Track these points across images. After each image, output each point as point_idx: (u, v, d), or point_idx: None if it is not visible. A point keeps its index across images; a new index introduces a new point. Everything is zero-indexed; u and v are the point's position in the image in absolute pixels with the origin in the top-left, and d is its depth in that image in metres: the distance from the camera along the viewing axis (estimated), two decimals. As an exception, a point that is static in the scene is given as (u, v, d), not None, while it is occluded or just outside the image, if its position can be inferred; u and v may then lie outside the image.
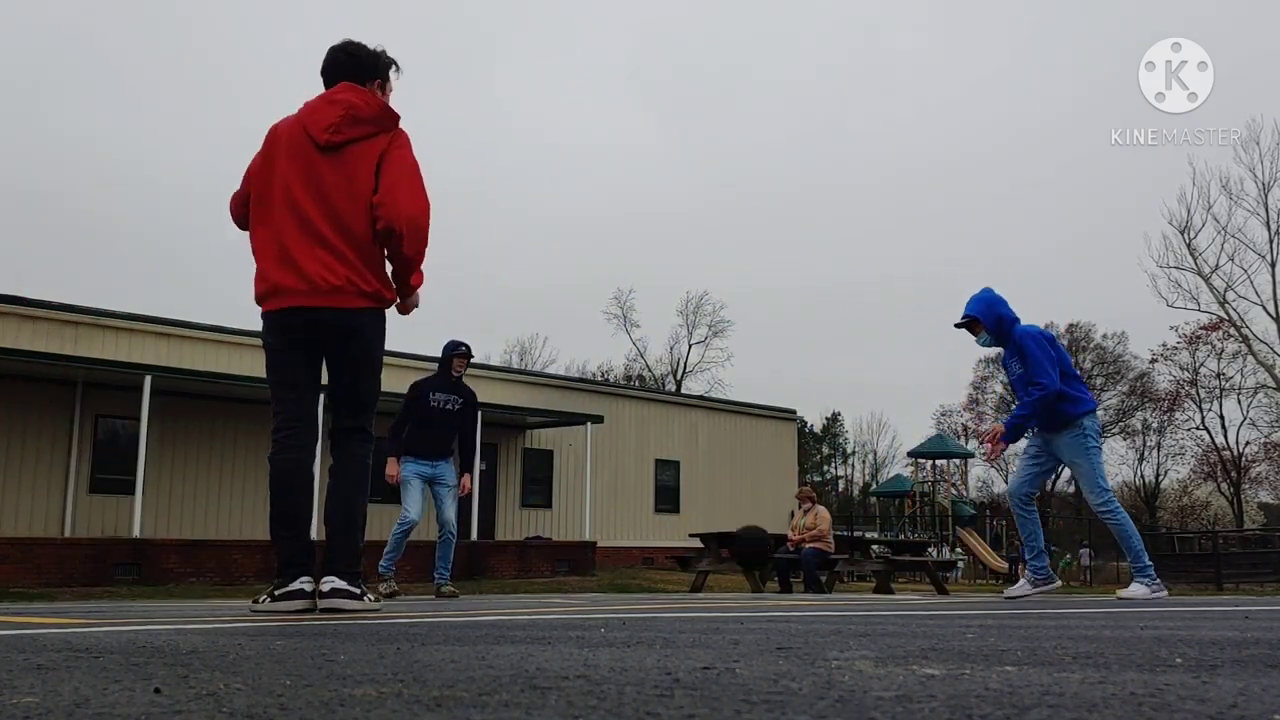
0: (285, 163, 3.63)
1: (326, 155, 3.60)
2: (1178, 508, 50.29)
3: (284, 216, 3.59)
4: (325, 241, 3.55)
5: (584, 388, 26.80)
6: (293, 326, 3.62)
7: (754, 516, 26.11)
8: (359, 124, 3.64)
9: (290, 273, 3.56)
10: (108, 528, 16.96)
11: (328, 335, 3.64)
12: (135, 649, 1.97)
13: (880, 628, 2.65)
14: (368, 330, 3.68)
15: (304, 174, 3.60)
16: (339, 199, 3.57)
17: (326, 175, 3.59)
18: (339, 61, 3.81)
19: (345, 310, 3.59)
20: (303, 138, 3.64)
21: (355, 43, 3.86)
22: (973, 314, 6.36)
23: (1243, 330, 31.53)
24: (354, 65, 3.80)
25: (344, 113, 3.63)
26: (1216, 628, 2.61)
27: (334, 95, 3.71)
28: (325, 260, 3.54)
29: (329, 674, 1.48)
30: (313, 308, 3.57)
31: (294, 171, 3.61)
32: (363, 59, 3.82)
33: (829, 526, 12.12)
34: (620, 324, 53.06)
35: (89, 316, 17.58)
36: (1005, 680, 1.36)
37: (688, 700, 1.18)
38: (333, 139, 3.60)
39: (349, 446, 3.74)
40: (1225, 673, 1.46)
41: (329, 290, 3.55)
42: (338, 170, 3.59)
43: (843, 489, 65.88)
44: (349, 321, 3.61)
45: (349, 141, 3.62)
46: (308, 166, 3.60)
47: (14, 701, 1.20)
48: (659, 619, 3.26)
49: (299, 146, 3.63)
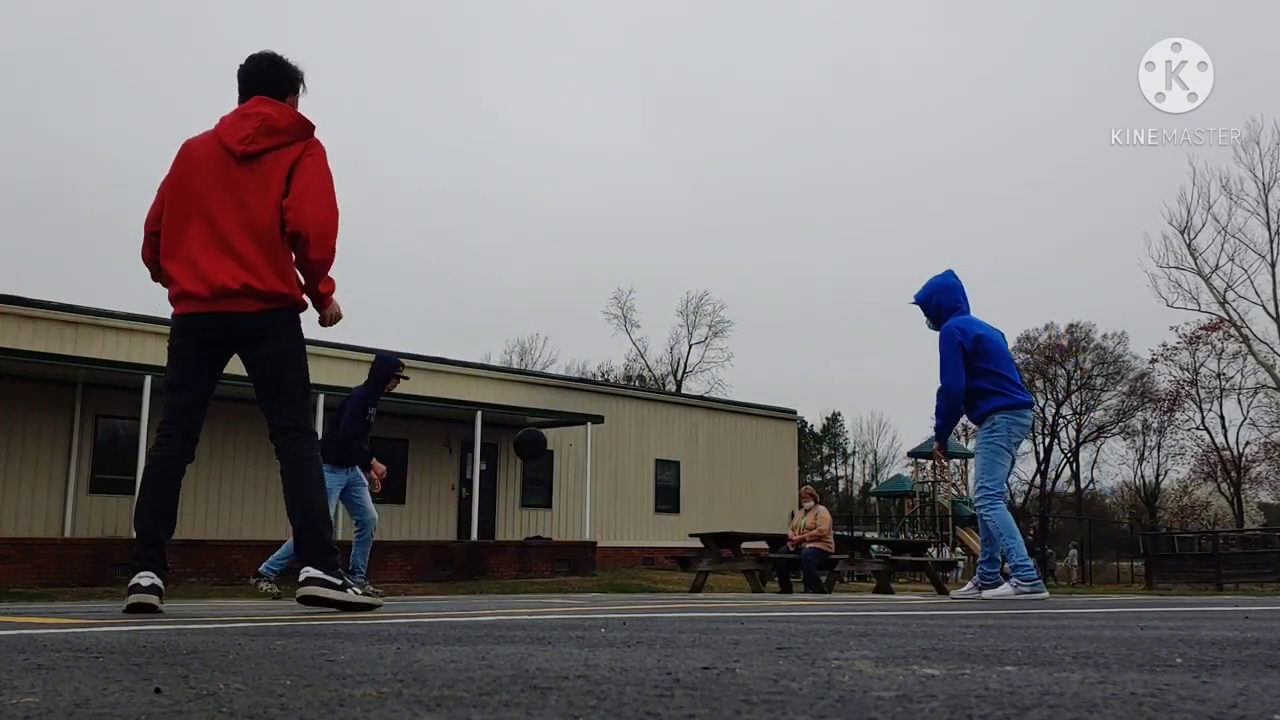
0: (201, 173, 3.72)
1: (243, 165, 3.69)
2: (1178, 508, 50.28)
3: (194, 225, 3.68)
4: (231, 247, 3.63)
5: (584, 388, 26.80)
6: (197, 329, 3.71)
7: (754, 516, 26.15)
8: (273, 134, 3.73)
9: (195, 279, 3.64)
10: (108, 528, 16.96)
11: (237, 339, 3.72)
12: (135, 649, 1.97)
13: (880, 628, 2.65)
14: (275, 329, 3.72)
15: (219, 183, 3.69)
16: (251, 204, 3.66)
17: (240, 182, 3.68)
18: (262, 70, 3.89)
19: (248, 314, 3.65)
20: (219, 150, 3.73)
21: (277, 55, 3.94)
22: (915, 299, 6.43)
23: (1243, 330, 31.52)
24: (277, 76, 3.91)
25: (259, 124, 3.73)
26: (1216, 628, 2.61)
27: (247, 110, 3.80)
28: (229, 267, 3.62)
29: (329, 674, 1.48)
30: (218, 313, 3.65)
31: (209, 181, 3.70)
32: (287, 71, 3.93)
33: (829, 526, 12.11)
34: (620, 324, 53.10)
35: (89, 316, 17.59)
36: (1005, 680, 1.36)
37: (688, 700, 1.18)
38: (248, 149, 3.69)
39: (293, 446, 3.78)
40: (1225, 673, 1.46)
41: (231, 294, 3.62)
42: (252, 177, 3.68)
43: (843, 489, 65.89)
44: (253, 323, 3.67)
45: (264, 151, 3.71)
46: (224, 176, 3.69)
47: (14, 701, 1.20)
48: (659, 619, 3.26)
49: (215, 158, 3.72)
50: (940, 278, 6.44)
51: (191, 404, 3.81)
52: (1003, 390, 6.13)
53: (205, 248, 3.64)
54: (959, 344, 6.10)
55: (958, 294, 6.36)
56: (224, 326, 3.67)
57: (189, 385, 3.79)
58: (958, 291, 6.37)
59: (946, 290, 6.34)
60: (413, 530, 21.03)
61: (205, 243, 3.65)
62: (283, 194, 3.66)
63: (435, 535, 21.34)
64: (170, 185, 3.81)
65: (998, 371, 6.14)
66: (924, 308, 6.40)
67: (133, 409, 15.80)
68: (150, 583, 3.59)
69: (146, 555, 3.65)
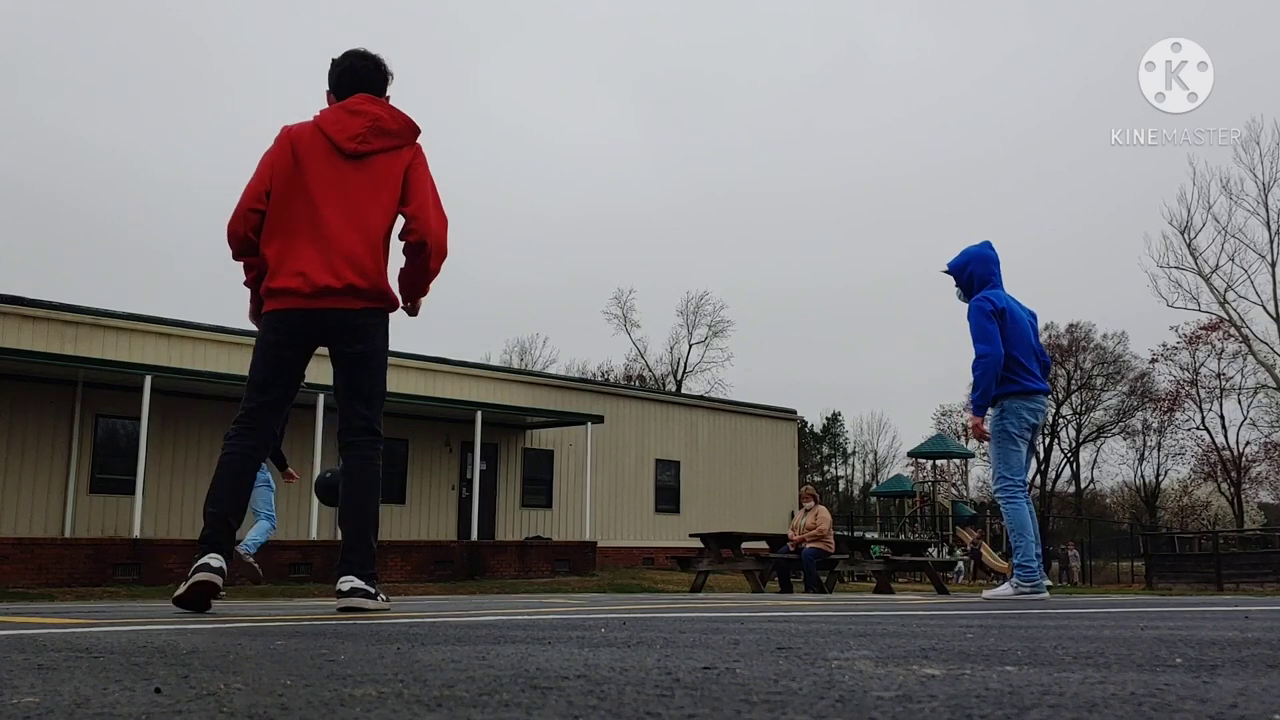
0: (310, 166, 3.66)
1: (351, 163, 3.67)
2: (1178, 508, 50.29)
3: (302, 218, 3.64)
4: (339, 246, 3.61)
5: (584, 388, 26.79)
6: (295, 326, 3.66)
7: (754, 516, 26.15)
8: (385, 135, 3.72)
9: (299, 276, 3.61)
10: (108, 528, 16.96)
11: (332, 335, 3.69)
12: (135, 649, 1.97)
13: (880, 628, 2.65)
14: (371, 329, 3.72)
15: (329, 179, 3.65)
16: (362, 205, 3.65)
17: (350, 181, 3.65)
18: (361, 69, 3.84)
19: (349, 311, 3.65)
20: (327, 146, 3.68)
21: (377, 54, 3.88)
22: (949, 266, 6.24)
23: (1243, 330, 31.54)
24: (379, 75, 3.85)
25: (370, 124, 3.70)
26: (1217, 628, 2.61)
27: (356, 106, 3.75)
28: (335, 265, 3.61)
29: (329, 674, 1.48)
30: (319, 310, 3.62)
31: (320, 176, 3.65)
32: (385, 72, 3.88)
33: (829, 526, 12.11)
34: (620, 324, 53.09)
35: (89, 316, 17.58)
36: (1005, 680, 1.36)
37: (688, 700, 1.18)
38: (359, 148, 3.67)
39: (362, 449, 3.76)
40: (1225, 673, 1.46)
41: (334, 292, 3.61)
42: (363, 178, 3.66)
43: (843, 489, 65.87)
44: (352, 321, 3.66)
45: (374, 152, 3.69)
46: (334, 172, 3.66)
47: (14, 701, 1.20)
48: (659, 619, 3.26)
49: (323, 152, 3.67)
50: (977, 248, 6.27)
51: (278, 401, 3.77)
52: (1015, 376, 5.97)
53: (312, 245, 3.61)
54: (990, 313, 5.96)
55: (993, 266, 6.20)
56: (321, 323, 3.65)
57: (278, 383, 3.75)
58: (994, 264, 6.21)
59: (982, 261, 6.18)
60: (413, 530, 21.03)
61: (312, 240, 3.61)
62: (397, 199, 3.69)
63: (435, 535, 21.34)
64: (278, 172, 3.69)
65: (1014, 355, 5.98)
66: (957, 276, 6.22)
67: (133, 409, 15.80)
68: (219, 564, 3.53)
69: (215, 539, 3.60)
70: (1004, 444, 5.98)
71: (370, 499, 3.76)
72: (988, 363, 5.89)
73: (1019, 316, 6.09)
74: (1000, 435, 5.99)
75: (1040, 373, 6.14)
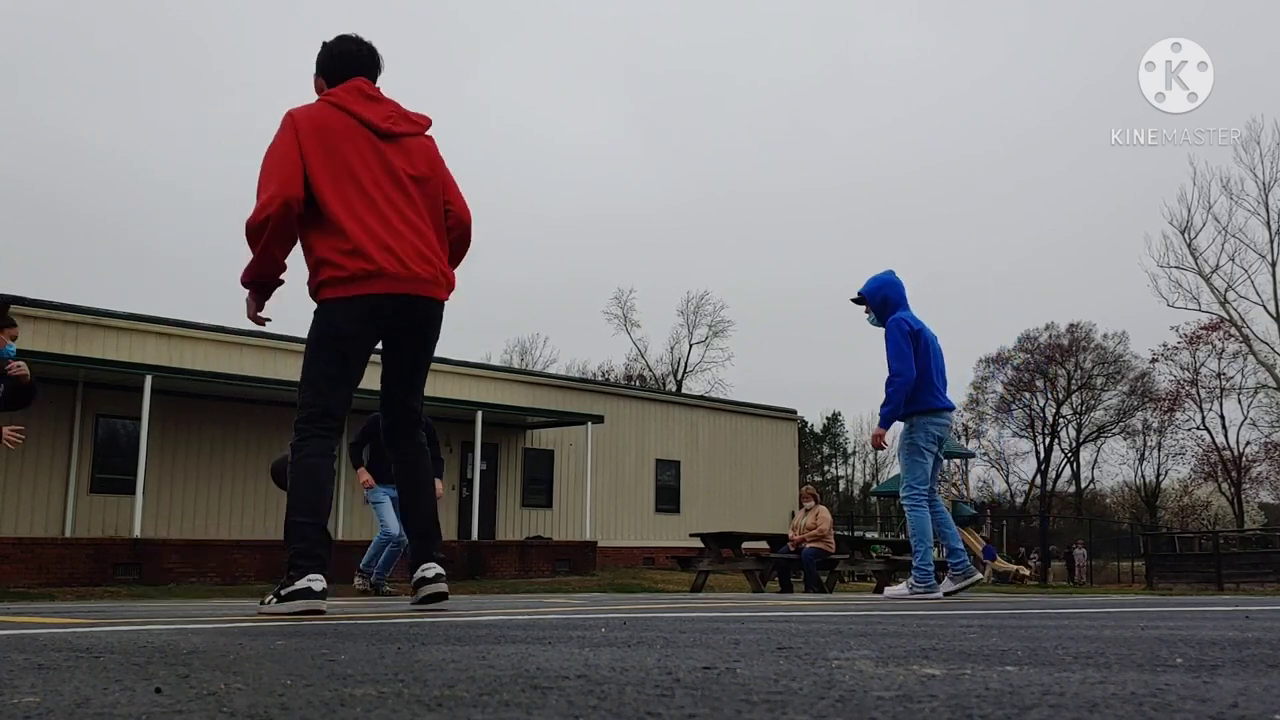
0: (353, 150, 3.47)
1: (388, 143, 3.55)
2: (1178, 508, 50.27)
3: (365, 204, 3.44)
4: (420, 233, 3.52)
5: (584, 388, 26.79)
6: (385, 312, 3.47)
7: (754, 516, 26.14)
8: (407, 120, 3.66)
9: (392, 258, 3.42)
10: (108, 528, 16.96)
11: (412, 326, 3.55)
12: (136, 649, 1.97)
13: (880, 627, 2.65)
14: (439, 321, 3.66)
15: (380, 161, 3.50)
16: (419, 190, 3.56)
17: (399, 163, 3.53)
18: (357, 54, 3.69)
19: (437, 301, 3.56)
20: (356, 125, 3.51)
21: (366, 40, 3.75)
22: (861, 293, 6.59)
23: (1243, 330, 31.54)
24: (370, 62, 3.73)
25: (394, 108, 3.64)
26: (1217, 628, 2.61)
27: (366, 90, 3.63)
28: (424, 251, 3.50)
29: (329, 674, 1.48)
30: (412, 296, 3.47)
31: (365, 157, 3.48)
32: (378, 58, 3.75)
33: (830, 526, 12.11)
34: (620, 324, 53.08)
35: (89, 316, 17.59)
36: (1006, 680, 1.36)
37: (688, 700, 1.18)
38: (392, 129, 3.57)
39: (417, 439, 3.70)
40: (1226, 673, 1.46)
41: (425, 280, 3.49)
42: (407, 160, 3.56)
43: (843, 489, 65.88)
44: (433, 313, 3.57)
45: (404, 134, 3.61)
46: (377, 153, 3.51)
47: (14, 701, 1.20)
48: (659, 619, 3.26)
49: (357, 132, 3.50)
50: (886, 274, 6.63)
51: (351, 396, 3.58)
52: (924, 395, 6.35)
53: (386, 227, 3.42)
54: (907, 334, 6.31)
55: (902, 290, 6.57)
56: (410, 312, 3.48)
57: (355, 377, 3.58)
58: (902, 289, 6.58)
59: (893, 286, 6.55)
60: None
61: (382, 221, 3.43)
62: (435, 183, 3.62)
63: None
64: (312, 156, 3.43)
65: (925, 375, 6.35)
66: (870, 301, 6.57)
67: (133, 409, 15.80)
68: (323, 588, 3.42)
69: (319, 555, 3.45)
70: (912, 456, 6.41)
71: (430, 489, 3.76)
72: (900, 382, 6.27)
73: (929, 338, 6.49)
74: (909, 448, 6.42)
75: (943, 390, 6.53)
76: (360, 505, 16.59)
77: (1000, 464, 55.68)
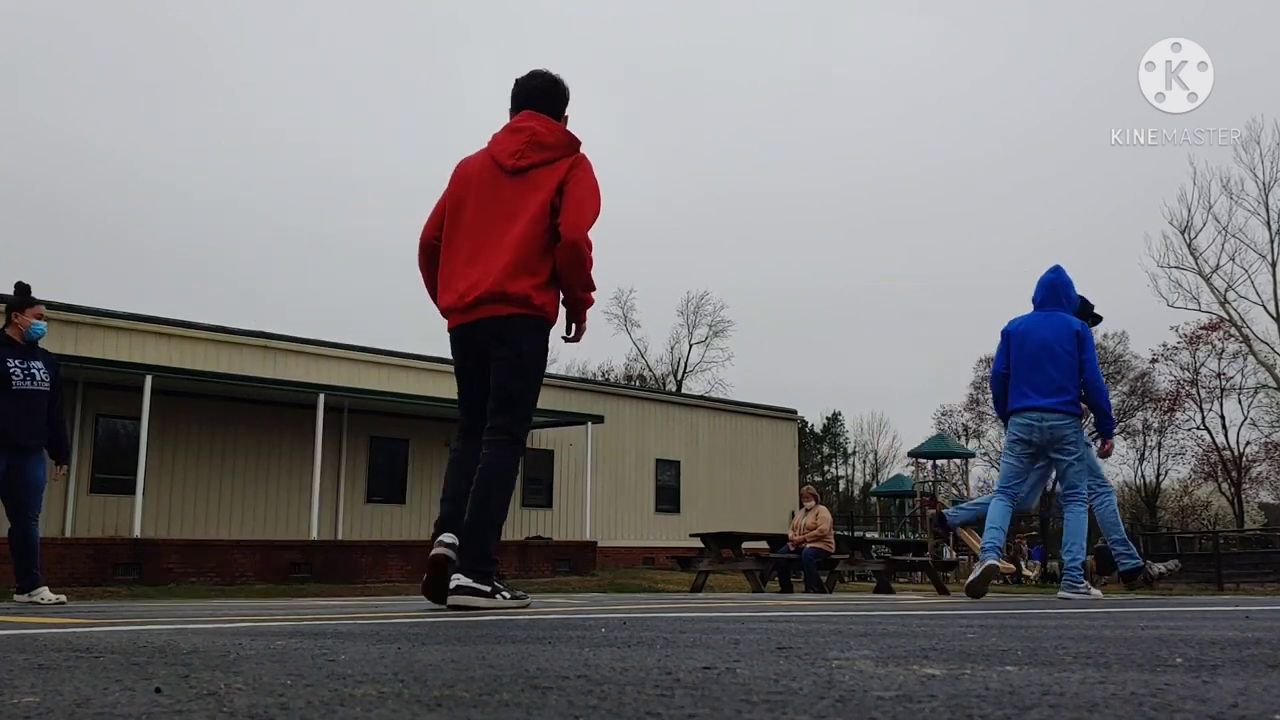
0: (473, 189, 3.92)
1: (513, 179, 3.86)
2: (1178, 508, 50.25)
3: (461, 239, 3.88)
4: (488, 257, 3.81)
5: (584, 388, 26.78)
6: (465, 341, 3.92)
7: (754, 516, 26.14)
8: (541, 149, 3.88)
9: (454, 293, 3.86)
10: (108, 528, 16.96)
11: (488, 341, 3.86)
12: (136, 649, 1.97)
13: (880, 628, 2.65)
14: (518, 334, 3.81)
15: (488, 197, 3.88)
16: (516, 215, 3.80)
17: (507, 196, 3.85)
18: (535, 86, 4.07)
19: (498, 318, 3.80)
20: (492, 165, 3.92)
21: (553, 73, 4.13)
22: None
23: (1243, 330, 31.52)
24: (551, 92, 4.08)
25: (527, 139, 3.89)
26: (1217, 628, 2.61)
27: (517, 124, 3.96)
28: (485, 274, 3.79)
29: (329, 673, 1.48)
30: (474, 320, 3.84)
31: (480, 196, 3.89)
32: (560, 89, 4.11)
33: (830, 526, 12.11)
34: (620, 324, 53.03)
35: (89, 316, 17.58)
36: (1006, 680, 1.36)
37: (688, 700, 1.18)
38: (518, 164, 3.86)
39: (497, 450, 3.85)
40: (1226, 672, 1.46)
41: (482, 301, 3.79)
42: (519, 191, 3.84)
43: (843, 489, 65.87)
44: (501, 327, 3.81)
45: (532, 166, 3.86)
46: (494, 190, 3.88)
47: (15, 701, 1.20)
48: (659, 619, 3.25)
49: (488, 173, 3.91)
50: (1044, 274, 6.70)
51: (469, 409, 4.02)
52: (1011, 393, 6.44)
53: (467, 261, 3.84)
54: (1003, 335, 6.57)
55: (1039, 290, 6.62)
56: (477, 333, 3.84)
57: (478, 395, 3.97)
58: (1040, 287, 6.62)
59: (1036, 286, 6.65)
60: (413, 530, 21.02)
61: (467, 256, 3.85)
62: (547, 207, 3.80)
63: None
64: (452, 197, 3.98)
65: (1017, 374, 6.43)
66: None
67: (133, 409, 15.80)
68: (452, 540, 3.77)
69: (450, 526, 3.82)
70: (1003, 455, 6.66)
71: (492, 496, 3.78)
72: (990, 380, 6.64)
73: (1019, 337, 6.46)
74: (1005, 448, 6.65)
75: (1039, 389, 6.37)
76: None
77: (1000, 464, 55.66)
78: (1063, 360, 6.30)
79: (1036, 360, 6.33)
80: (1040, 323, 6.43)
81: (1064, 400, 6.29)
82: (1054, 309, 6.49)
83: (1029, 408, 6.35)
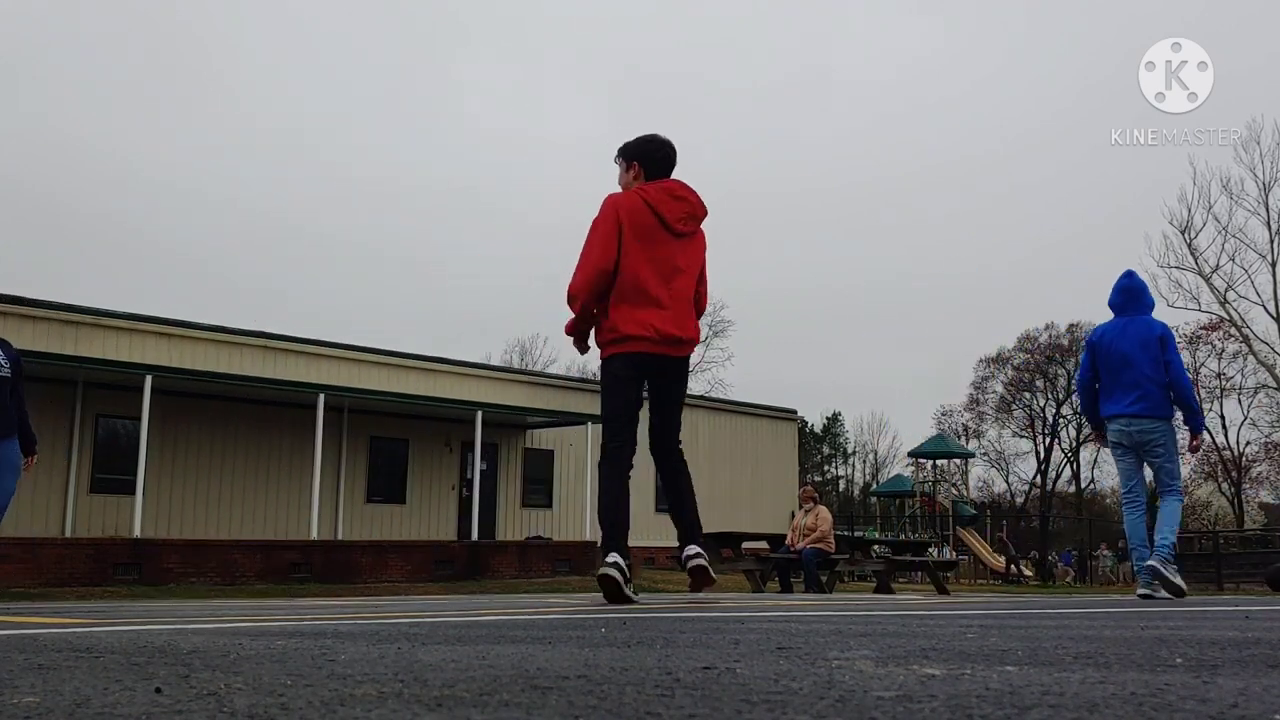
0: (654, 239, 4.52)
1: (678, 240, 4.58)
2: (1178, 507, 50.19)
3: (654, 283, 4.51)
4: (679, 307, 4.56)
5: (584, 388, 26.77)
6: (646, 365, 4.59)
7: (754, 517, 26.14)
8: (695, 220, 4.68)
9: (652, 329, 4.50)
10: (108, 528, 16.96)
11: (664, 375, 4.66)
12: (136, 649, 1.97)
13: (880, 628, 2.65)
14: (686, 370, 4.79)
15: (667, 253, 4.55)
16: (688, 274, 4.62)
17: (677, 255, 4.58)
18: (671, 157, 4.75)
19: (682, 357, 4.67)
20: (657, 224, 4.53)
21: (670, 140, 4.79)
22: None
23: (1243, 330, 31.52)
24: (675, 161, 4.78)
25: (689, 211, 4.63)
26: (1217, 628, 2.61)
27: (677, 192, 4.63)
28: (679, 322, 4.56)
29: (330, 673, 1.48)
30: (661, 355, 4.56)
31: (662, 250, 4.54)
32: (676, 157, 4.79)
33: (830, 527, 12.11)
34: (620, 324, 52.90)
35: (89, 316, 17.58)
36: (1006, 680, 1.36)
37: (689, 700, 1.18)
38: (683, 229, 4.60)
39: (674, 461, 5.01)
40: (1226, 672, 1.46)
41: (675, 341, 4.55)
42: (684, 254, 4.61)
43: (843, 489, 65.86)
44: (681, 365, 4.70)
45: (688, 234, 4.63)
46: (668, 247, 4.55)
47: (15, 701, 1.20)
48: (659, 619, 3.25)
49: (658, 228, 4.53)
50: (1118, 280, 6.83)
51: (636, 418, 4.74)
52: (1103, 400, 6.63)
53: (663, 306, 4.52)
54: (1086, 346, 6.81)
55: (1114, 295, 6.74)
56: (661, 364, 4.61)
57: (636, 404, 4.72)
58: (1116, 292, 6.75)
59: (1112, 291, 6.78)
60: (413, 530, 21.03)
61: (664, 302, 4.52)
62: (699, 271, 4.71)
63: (435, 535, 21.34)
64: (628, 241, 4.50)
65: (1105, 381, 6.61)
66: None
67: (133, 409, 15.79)
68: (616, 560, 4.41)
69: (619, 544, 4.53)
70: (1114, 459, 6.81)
71: (692, 495, 5.06)
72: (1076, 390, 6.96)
73: (1105, 345, 6.63)
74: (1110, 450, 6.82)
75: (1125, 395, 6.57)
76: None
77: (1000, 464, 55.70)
78: (1146, 365, 6.47)
79: (1122, 366, 6.52)
80: (1123, 329, 6.56)
81: (1150, 405, 6.50)
82: (1135, 313, 6.63)
83: (1118, 414, 6.56)
